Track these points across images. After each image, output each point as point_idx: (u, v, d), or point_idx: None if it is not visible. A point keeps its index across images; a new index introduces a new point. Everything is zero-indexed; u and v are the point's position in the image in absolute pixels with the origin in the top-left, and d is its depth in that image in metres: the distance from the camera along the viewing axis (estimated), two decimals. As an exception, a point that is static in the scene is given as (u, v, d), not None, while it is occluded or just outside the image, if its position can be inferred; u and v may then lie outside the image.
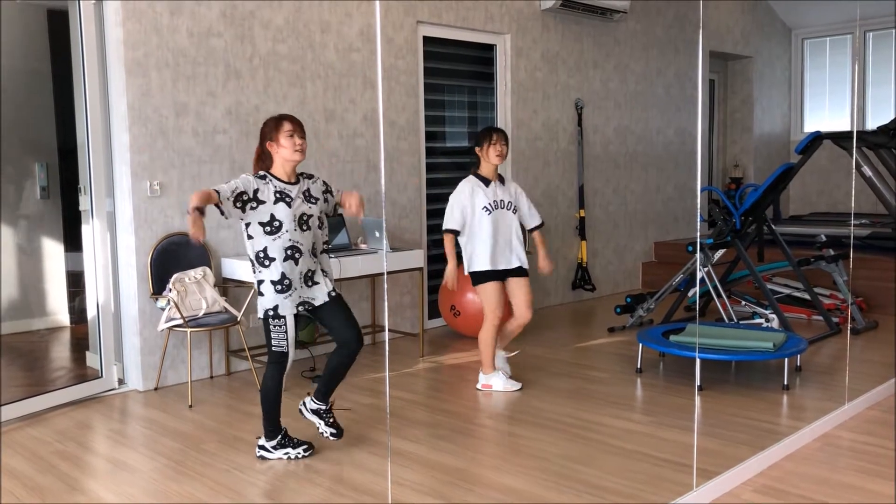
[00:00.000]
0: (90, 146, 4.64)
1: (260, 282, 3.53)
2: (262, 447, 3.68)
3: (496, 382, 4.69)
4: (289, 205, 3.51)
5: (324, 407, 3.74)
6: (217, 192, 3.35)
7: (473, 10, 6.46)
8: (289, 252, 3.50)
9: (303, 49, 5.43)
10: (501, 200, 4.59)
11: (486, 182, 4.59)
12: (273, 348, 3.57)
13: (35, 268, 6.23)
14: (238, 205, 3.42)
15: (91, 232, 4.71)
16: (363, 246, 5.43)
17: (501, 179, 4.67)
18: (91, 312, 4.83)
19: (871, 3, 9.14)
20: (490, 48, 6.79)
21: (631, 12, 7.83)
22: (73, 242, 6.10)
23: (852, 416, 4.15)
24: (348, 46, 5.67)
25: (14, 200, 6.09)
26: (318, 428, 3.75)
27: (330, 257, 4.92)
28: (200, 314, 4.70)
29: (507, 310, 4.71)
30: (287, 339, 3.56)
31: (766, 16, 9.91)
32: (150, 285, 4.77)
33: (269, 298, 3.52)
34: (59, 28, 5.37)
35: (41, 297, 6.27)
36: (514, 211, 4.65)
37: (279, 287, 3.51)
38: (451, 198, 4.57)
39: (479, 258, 4.56)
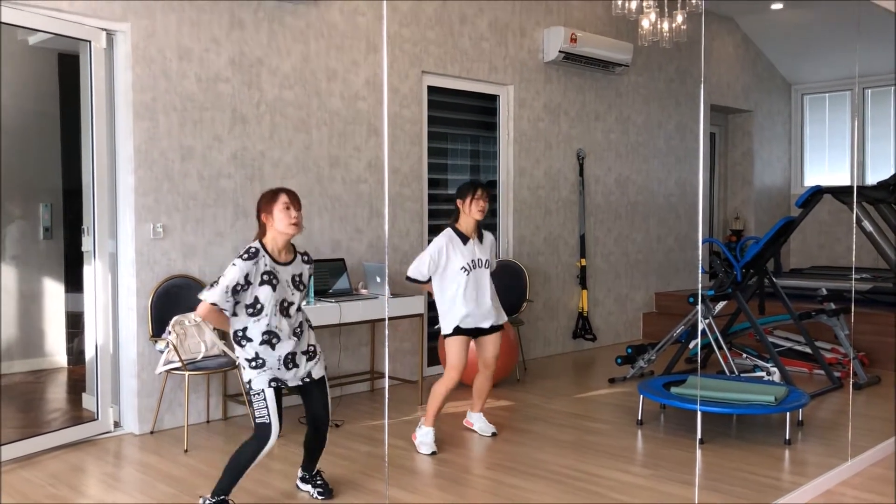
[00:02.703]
0: (95, 188, 4.67)
1: (237, 357, 3.52)
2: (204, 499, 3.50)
3: (420, 435, 4.46)
4: (273, 288, 3.40)
5: (310, 474, 3.76)
6: (215, 303, 3.33)
7: (478, 61, 6.55)
8: (265, 337, 3.42)
9: (309, 96, 5.50)
10: (480, 259, 4.43)
11: (465, 239, 4.42)
12: (256, 419, 3.47)
13: (34, 308, 6.21)
14: (234, 297, 3.35)
15: (92, 273, 4.71)
16: (364, 291, 5.42)
17: (480, 235, 4.52)
18: (89, 354, 4.81)
19: (870, 61, 9.28)
20: (493, 98, 6.88)
21: (633, 66, 7.94)
22: (73, 283, 6.10)
23: (856, 473, 4.10)
24: (354, 95, 5.74)
25: (16, 240, 6.11)
26: (310, 494, 3.74)
27: (330, 302, 4.91)
28: (199, 357, 4.68)
29: (474, 368, 4.68)
30: (268, 411, 3.44)
31: (766, 71, 10.06)
32: (150, 327, 4.75)
33: (245, 373, 3.49)
34: (69, 71, 5.44)
35: (40, 337, 6.24)
36: (490, 267, 4.52)
37: (253, 364, 3.45)
38: (428, 248, 4.40)
39: (454, 318, 4.39)
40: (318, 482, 3.75)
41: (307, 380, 3.57)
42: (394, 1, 5.95)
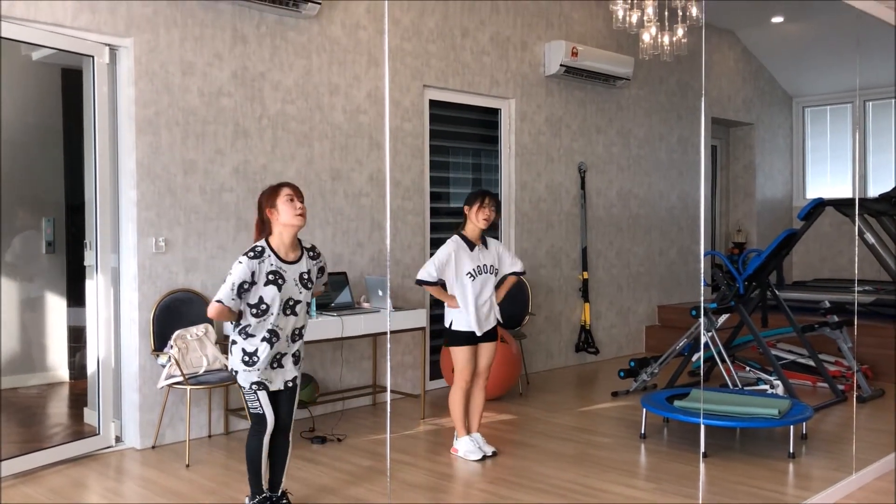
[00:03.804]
0: (98, 202, 4.68)
1: (233, 342, 3.48)
2: None
3: (461, 446, 4.58)
4: (279, 288, 3.39)
5: (276, 495, 3.63)
6: (220, 300, 3.33)
7: (479, 75, 6.58)
8: (268, 334, 3.42)
9: (311, 110, 5.52)
10: (485, 265, 4.56)
11: (471, 246, 4.54)
12: (250, 410, 3.52)
13: (36, 322, 6.21)
14: (240, 296, 3.36)
15: (95, 287, 4.72)
16: (366, 305, 5.42)
17: (485, 242, 4.63)
18: (91, 368, 4.80)
19: (871, 74, 9.30)
20: (495, 112, 6.90)
21: (634, 79, 7.96)
22: (75, 297, 6.09)
23: (861, 487, 4.08)
24: (356, 108, 5.76)
25: (19, 254, 6.12)
26: None
27: (332, 315, 4.91)
28: (201, 371, 4.67)
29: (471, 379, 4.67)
30: (260, 403, 3.47)
31: (767, 84, 10.08)
32: (152, 341, 4.75)
33: (233, 361, 3.48)
34: (72, 85, 5.47)
35: (41, 351, 6.24)
36: (496, 273, 4.63)
37: (245, 359, 3.44)
38: (437, 253, 4.52)
39: (461, 320, 4.51)
40: None
41: (290, 384, 3.56)
42: (396, 8, 5.97)
